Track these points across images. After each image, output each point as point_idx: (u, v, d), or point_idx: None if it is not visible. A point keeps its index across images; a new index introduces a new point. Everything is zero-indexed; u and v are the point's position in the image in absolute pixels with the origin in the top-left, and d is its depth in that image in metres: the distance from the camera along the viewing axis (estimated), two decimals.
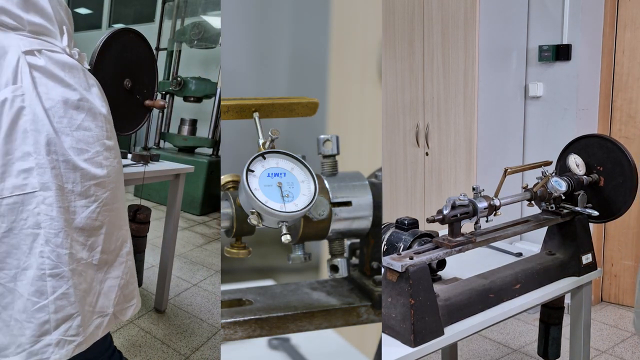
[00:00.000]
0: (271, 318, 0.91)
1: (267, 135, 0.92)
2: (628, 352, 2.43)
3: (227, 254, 0.93)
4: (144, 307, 2.75)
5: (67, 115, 1.09)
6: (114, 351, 1.31)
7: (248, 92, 1.66)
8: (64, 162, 1.06)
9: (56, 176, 1.04)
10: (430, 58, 2.78)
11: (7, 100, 1.02)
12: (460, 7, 2.62)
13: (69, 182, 1.07)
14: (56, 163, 1.05)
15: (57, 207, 1.03)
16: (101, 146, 1.16)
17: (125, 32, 1.98)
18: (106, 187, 1.14)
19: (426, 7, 2.77)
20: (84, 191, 1.09)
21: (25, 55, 1.06)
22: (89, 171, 1.10)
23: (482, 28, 2.60)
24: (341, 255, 0.99)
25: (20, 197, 1.02)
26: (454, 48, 2.67)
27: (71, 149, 1.08)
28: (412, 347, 1.04)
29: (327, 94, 1.70)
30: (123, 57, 1.97)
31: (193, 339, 2.43)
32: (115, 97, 1.98)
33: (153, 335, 2.45)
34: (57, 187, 1.04)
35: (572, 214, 1.44)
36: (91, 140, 1.13)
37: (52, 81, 1.08)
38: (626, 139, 2.85)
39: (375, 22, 1.71)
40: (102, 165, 1.14)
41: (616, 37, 2.87)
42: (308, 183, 0.89)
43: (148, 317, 2.63)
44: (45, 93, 1.06)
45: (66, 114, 1.09)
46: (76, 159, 1.08)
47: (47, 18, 1.15)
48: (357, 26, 1.69)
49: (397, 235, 1.25)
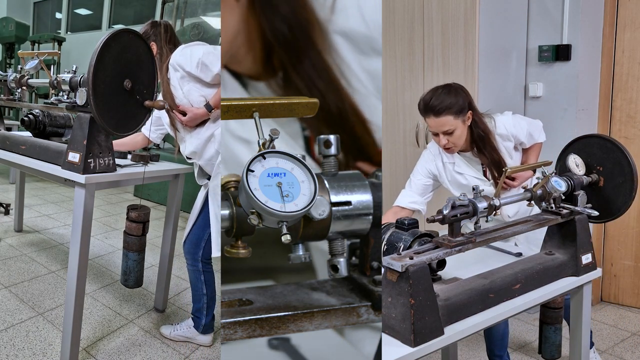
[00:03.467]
0: (271, 318, 0.91)
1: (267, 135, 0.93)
2: (628, 352, 2.43)
3: (227, 254, 0.93)
4: (144, 307, 2.75)
5: None
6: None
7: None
8: None
9: None
10: (430, 58, 2.78)
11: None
12: (460, 7, 2.62)
13: None
14: None
15: None
16: None
17: (125, 33, 1.99)
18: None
19: (426, 7, 2.77)
20: None
21: None
22: None
23: (482, 28, 2.60)
24: (341, 255, 0.99)
25: None
26: (454, 48, 2.67)
27: None
28: (412, 347, 1.04)
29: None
30: (123, 58, 1.98)
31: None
32: (115, 97, 1.98)
33: (153, 335, 2.45)
34: None
35: (572, 214, 1.44)
36: None
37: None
38: (626, 139, 2.85)
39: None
40: None
41: (616, 38, 2.87)
42: (308, 183, 0.89)
43: (148, 317, 2.63)
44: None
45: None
46: None
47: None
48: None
49: (397, 235, 1.25)
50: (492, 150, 1.87)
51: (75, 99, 2.02)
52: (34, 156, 2.27)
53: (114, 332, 2.46)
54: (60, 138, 2.56)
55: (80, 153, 1.98)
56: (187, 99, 2.14)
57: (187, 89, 2.13)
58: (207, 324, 2.34)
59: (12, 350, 2.21)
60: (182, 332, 2.39)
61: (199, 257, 2.28)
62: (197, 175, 2.31)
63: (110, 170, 2.09)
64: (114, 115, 1.99)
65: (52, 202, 5.14)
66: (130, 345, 2.34)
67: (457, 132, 1.81)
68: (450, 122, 1.79)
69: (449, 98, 1.79)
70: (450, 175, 1.96)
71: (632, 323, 2.75)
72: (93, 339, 2.37)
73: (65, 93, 2.11)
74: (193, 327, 2.37)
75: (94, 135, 2.00)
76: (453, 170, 1.95)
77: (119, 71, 1.97)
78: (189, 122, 2.16)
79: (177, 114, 2.17)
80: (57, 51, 3.24)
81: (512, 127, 1.93)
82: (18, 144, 2.41)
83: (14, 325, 2.44)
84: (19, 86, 2.48)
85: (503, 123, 1.93)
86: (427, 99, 1.81)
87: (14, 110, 7.11)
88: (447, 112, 1.78)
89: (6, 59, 8.24)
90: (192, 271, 2.32)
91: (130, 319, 2.60)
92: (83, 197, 1.98)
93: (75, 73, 2.12)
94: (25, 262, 3.32)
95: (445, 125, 1.80)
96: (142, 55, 2.06)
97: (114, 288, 2.99)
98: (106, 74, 1.92)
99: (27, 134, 2.59)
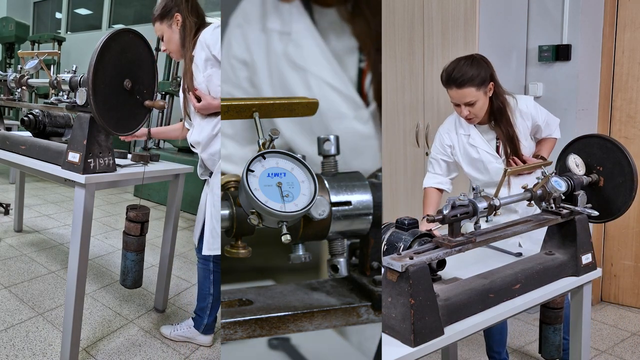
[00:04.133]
0: (271, 318, 0.91)
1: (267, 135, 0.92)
2: (628, 352, 2.43)
3: (227, 254, 0.93)
4: (144, 307, 2.75)
5: None
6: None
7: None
8: None
9: None
10: (430, 58, 2.78)
11: None
12: (460, 7, 2.62)
13: None
14: None
15: None
16: None
17: (125, 33, 1.99)
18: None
19: (426, 7, 2.77)
20: None
21: None
22: None
23: (482, 28, 2.60)
24: (341, 255, 0.99)
25: None
26: (454, 48, 2.67)
27: None
28: (412, 347, 1.04)
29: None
30: (123, 58, 1.98)
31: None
32: (115, 97, 1.98)
33: (153, 335, 2.45)
34: None
35: (572, 214, 1.44)
36: None
37: None
38: (626, 139, 2.85)
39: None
40: None
41: (616, 38, 2.87)
42: (308, 183, 0.89)
43: (148, 317, 2.63)
44: None
45: None
46: None
47: None
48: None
49: (397, 235, 1.25)
50: (507, 124, 1.88)
51: (75, 99, 2.02)
52: (34, 156, 2.27)
53: (114, 332, 2.46)
54: (60, 138, 2.56)
55: (80, 153, 1.98)
56: (205, 84, 2.03)
57: (208, 73, 2.01)
58: (208, 324, 2.33)
59: (12, 351, 2.21)
60: (183, 332, 2.38)
61: (211, 256, 2.22)
62: (199, 167, 2.21)
63: (110, 170, 2.08)
64: (114, 115, 1.99)
65: (52, 202, 5.13)
66: (130, 346, 2.34)
67: (479, 103, 1.83)
68: (473, 93, 1.81)
69: (472, 70, 1.80)
70: (462, 148, 1.98)
71: (632, 323, 2.75)
72: (93, 339, 2.37)
73: (65, 93, 2.11)
74: (193, 327, 2.35)
75: (94, 135, 2.00)
76: (467, 142, 1.96)
77: (119, 71, 1.97)
78: (201, 110, 2.05)
79: (192, 97, 2.05)
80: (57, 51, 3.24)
81: (532, 108, 1.95)
82: (18, 144, 2.41)
83: (13, 326, 2.44)
84: (18, 86, 2.48)
85: (525, 101, 1.96)
86: (450, 71, 1.82)
87: (14, 110, 7.11)
88: (469, 83, 1.79)
89: (6, 58, 8.24)
90: (202, 269, 2.28)
91: (130, 319, 2.60)
92: (83, 197, 1.98)
93: (75, 73, 2.12)
94: (25, 262, 3.32)
95: (467, 97, 1.81)
96: (142, 55, 2.06)
97: (113, 288, 2.99)
98: (106, 73, 1.92)
99: (27, 134, 2.59)
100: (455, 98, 1.84)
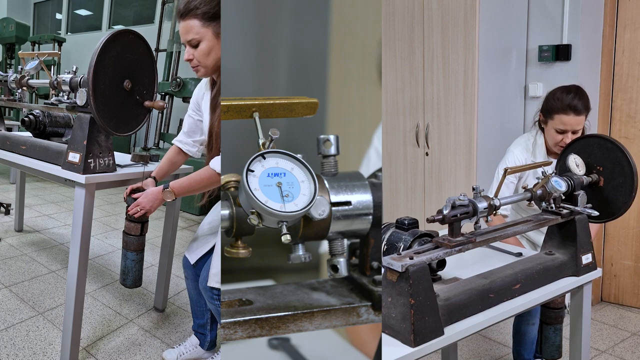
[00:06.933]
0: (271, 318, 0.91)
1: (267, 135, 0.93)
2: (628, 352, 2.43)
3: (227, 254, 0.93)
4: (144, 307, 2.75)
5: None
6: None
7: (248, 92, 1.66)
8: None
9: None
10: (430, 58, 2.78)
11: None
12: (460, 7, 2.62)
13: None
14: None
15: None
16: None
17: (125, 34, 1.99)
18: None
19: (426, 7, 2.77)
20: None
21: None
22: None
23: (482, 28, 2.60)
24: (341, 255, 0.99)
25: None
26: (454, 48, 2.67)
27: None
28: (412, 347, 1.04)
29: (327, 94, 1.70)
30: (123, 58, 1.98)
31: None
32: (115, 98, 1.98)
33: (153, 335, 2.45)
34: None
35: (572, 214, 1.44)
36: None
37: None
38: (626, 139, 2.85)
39: (375, 22, 1.71)
40: None
41: (616, 38, 2.87)
42: (308, 183, 0.89)
43: (148, 317, 2.64)
44: None
45: None
46: None
47: None
48: (357, 26, 1.69)
49: (397, 235, 1.25)
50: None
51: (75, 100, 2.02)
52: (34, 156, 2.27)
53: (114, 331, 2.46)
54: (61, 138, 2.57)
55: (80, 153, 1.99)
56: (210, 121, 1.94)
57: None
58: (212, 339, 2.22)
59: (13, 350, 2.22)
60: (189, 355, 2.22)
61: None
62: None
63: (110, 170, 2.09)
64: (114, 115, 1.99)
65: (52, 202, 5.14)
66: (130, 345, 2.34)
67: (580, 132, 1.89)
68: (583, 121, 1.88)
69: (586, 100, 1.89)
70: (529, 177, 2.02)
71: (632, 323, 2.75)
72: (93, 339, 2.37)
73: (66, 93, 2.11)
74: (199, 346, 2.22)
75: (94, 136, 2.00)
76: (534, 175, 1.99)
77: (118, 71, 1.97)
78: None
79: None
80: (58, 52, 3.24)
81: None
82: (18, 144, 2.41)
83: (14, 325, 2.44)
84: (19, 87, 2.49)
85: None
86: (572, 97, 1.88)
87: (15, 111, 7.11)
88: (585, 112, 1.88)
89: (6, 59, 8.24)
90: (194, 288, 2.11)
91: (130, 319, 2.60)
92: (83, 197, 1.98)
93: (75, 73, 2.12)
94: (26, 261, 3.32)
95: (580, 124, 1.88)
96: (142, 56, 2.06)
97: (114, 288, 2.99)
98: (106, 74, 1.92)
99: (27, 134, 2.59)
100: (569, 125, 1.87)
